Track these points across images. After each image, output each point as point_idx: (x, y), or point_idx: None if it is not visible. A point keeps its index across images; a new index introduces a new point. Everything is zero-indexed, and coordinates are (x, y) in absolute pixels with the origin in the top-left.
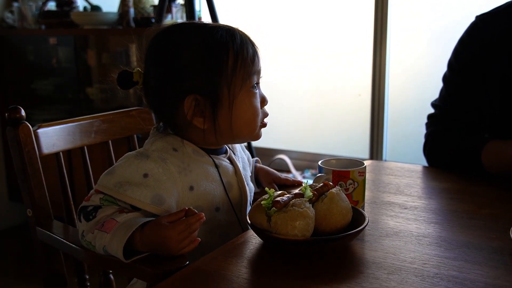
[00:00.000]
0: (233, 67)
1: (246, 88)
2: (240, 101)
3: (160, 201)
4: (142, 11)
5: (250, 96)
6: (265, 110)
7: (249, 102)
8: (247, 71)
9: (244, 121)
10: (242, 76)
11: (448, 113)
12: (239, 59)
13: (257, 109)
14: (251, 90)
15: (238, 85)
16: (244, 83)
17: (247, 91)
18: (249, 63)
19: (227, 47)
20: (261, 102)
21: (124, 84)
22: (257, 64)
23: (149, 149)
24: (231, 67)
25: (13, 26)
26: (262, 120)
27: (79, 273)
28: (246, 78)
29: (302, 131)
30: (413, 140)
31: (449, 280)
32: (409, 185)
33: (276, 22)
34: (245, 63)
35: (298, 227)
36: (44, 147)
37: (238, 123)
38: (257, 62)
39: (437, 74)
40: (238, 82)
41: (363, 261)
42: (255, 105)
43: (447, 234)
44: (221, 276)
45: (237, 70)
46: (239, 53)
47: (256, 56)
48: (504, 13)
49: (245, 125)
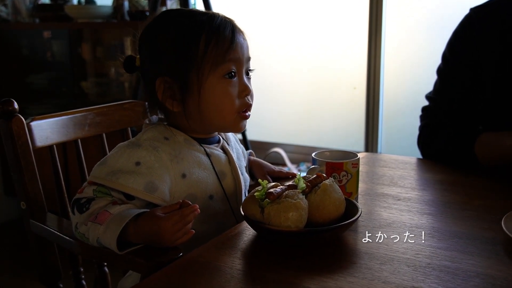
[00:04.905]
0: (203, 52)
1: (218, 75)
2: (209, 87)
3: (153, 188)
4: (136, 4)
5: (222, 83)
6: (246, 101)
7: (221, 89)
8: (219, 57)
9: (213, 108)
10: (213, 62)
11: (442, 105)
12: (211, 44)
13: (230, 98)
14: (224, 77)
15: (207, 70)
16: (215, 69)
17: (218, 77)
18: (223, 50)
19: (200, 32)
20: (240, 91)
21: (129, 68)
22: (237, 51)
23: (141, 138)
24: (201, 51)
25: (7, 19)
26: (241, 111)
27: (73, 265)
28: (218, 64)
29: (298, 124)
30: (409, 133)
31: (441, 270)
32: (403, 177)
33: (271, 16)
34: (218, 49)
35: (291, 218)
36: (37, 140)
37: (207, 110)
38: (238, 49)
39: (432, 67)
40: (207, 67)
41: (356, 252)
42: (228, 93)
43: (440, 225)
44: (215, 268)
45: (208, 55)
46: (212, 39)
47: (235, 43)
48: (497, 5)
49: (215, 113)
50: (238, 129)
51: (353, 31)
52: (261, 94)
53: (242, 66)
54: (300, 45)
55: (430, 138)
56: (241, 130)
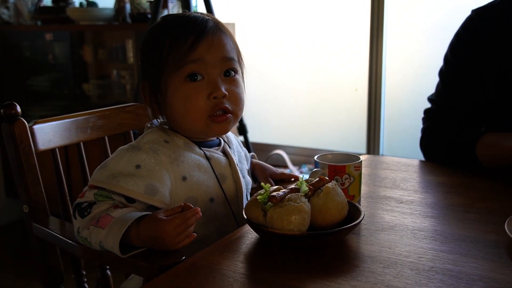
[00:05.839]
0: (166, 56)
1: (180, 78)
2: (173, 90)
3: (153, 191)
4: (138, 6)
5: (184, 86)
6: (216, 103)
7: (182, 92)
8: (180, 60)
9: (180, 112)
10: (174, 65)
11: (444, 107)
12: (173, 47)
13: (192, 101)
14: (186, 80)
15: (169, 74)
16: (176, 73)
17: (180, 80)
18: (183, 51)
19: (165, 36)
20: (209, 93)
21: None
22: (201, 52)
23: (141, 141)
24: (165, 55)
25: (9, 22)
26: (211, 114)
27: (76, 269)
28: (179, 67)
29: (299, 126)
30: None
31: (444, 274)
32: (405, 180)
33: (272, 18)
34: (178, 52)
35: (294, 222)
36: (40, 143)
37: (175, 114)
38: (203, 50)
39: (434, 69)
40: (169, 71)
41: (359, 255)
42: (189, 96)
43: (443, 227)
44: (217, 271)
45: (169, 59)
46: (173, 41)
47: (198, 44)
48: (499, 6)
49: (182, 117)
50: (214, 133)
51: (354, 33)
52: (263, 96)
53: (214, 66)
54: (302, 47)
55: (433, 140)
56: (219, 133)
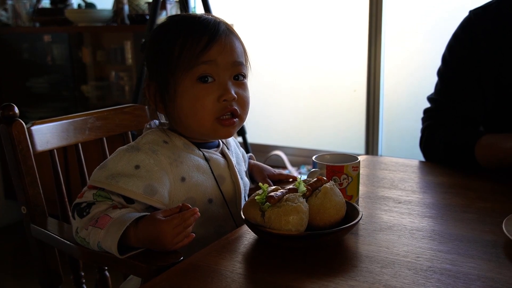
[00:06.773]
0: (178, 55)
1: (191, 78)
2: (183, 90)
3: (152, 191)
4: (136, 8)
5: (195, 87)
6: (226, 106)
7: (193, 93)
8: (192, 60)
9: (188, 112)
10: (186, 65)
11: (443, 107)
12: (185, 48)
13: (202, 102)
14: (197, 81)
15: (180, 74)
16: (188, 72)
17: (192, 81)
18: (196, 52)
19: (176, 36)
20: (219, 96)
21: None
22: (214, 54)
23: (140, 142)
24: (176, 55)
25: (7, 24)
26: (219, 116)
27: (74, 270)
28: (191, 67)
29: (298, 127)
30: (409, 135)
31: (442, 273)
32: (404, 180)
33: (271, 19)
34: (191, 52)
35: (292, 222)
36: (38, 144)
37: (183, 114)
38: (216, 52)
39: (432, 69)
40: (180, 71)
41: (357, 255)
42: (199, 97)
43: (441, 227)
44: (216, 271)
45: (181, 59)
46: (187, 42)
47: (212, 45)
48: (497, 7)
49: (190, 118)
50: (219, 136)
51: (353, 34)
52: (261, 97)
53: (225, 69)
54: (300, 47)
55: (432, 140)
56: (223, 137)
